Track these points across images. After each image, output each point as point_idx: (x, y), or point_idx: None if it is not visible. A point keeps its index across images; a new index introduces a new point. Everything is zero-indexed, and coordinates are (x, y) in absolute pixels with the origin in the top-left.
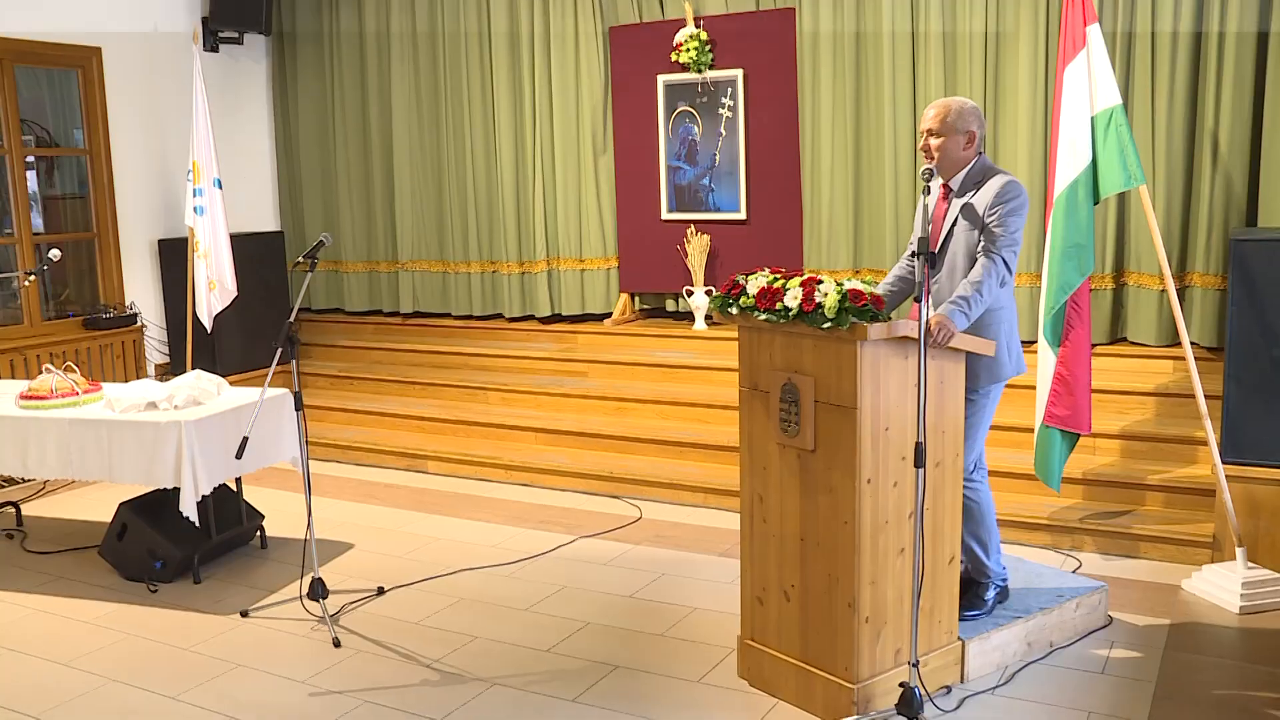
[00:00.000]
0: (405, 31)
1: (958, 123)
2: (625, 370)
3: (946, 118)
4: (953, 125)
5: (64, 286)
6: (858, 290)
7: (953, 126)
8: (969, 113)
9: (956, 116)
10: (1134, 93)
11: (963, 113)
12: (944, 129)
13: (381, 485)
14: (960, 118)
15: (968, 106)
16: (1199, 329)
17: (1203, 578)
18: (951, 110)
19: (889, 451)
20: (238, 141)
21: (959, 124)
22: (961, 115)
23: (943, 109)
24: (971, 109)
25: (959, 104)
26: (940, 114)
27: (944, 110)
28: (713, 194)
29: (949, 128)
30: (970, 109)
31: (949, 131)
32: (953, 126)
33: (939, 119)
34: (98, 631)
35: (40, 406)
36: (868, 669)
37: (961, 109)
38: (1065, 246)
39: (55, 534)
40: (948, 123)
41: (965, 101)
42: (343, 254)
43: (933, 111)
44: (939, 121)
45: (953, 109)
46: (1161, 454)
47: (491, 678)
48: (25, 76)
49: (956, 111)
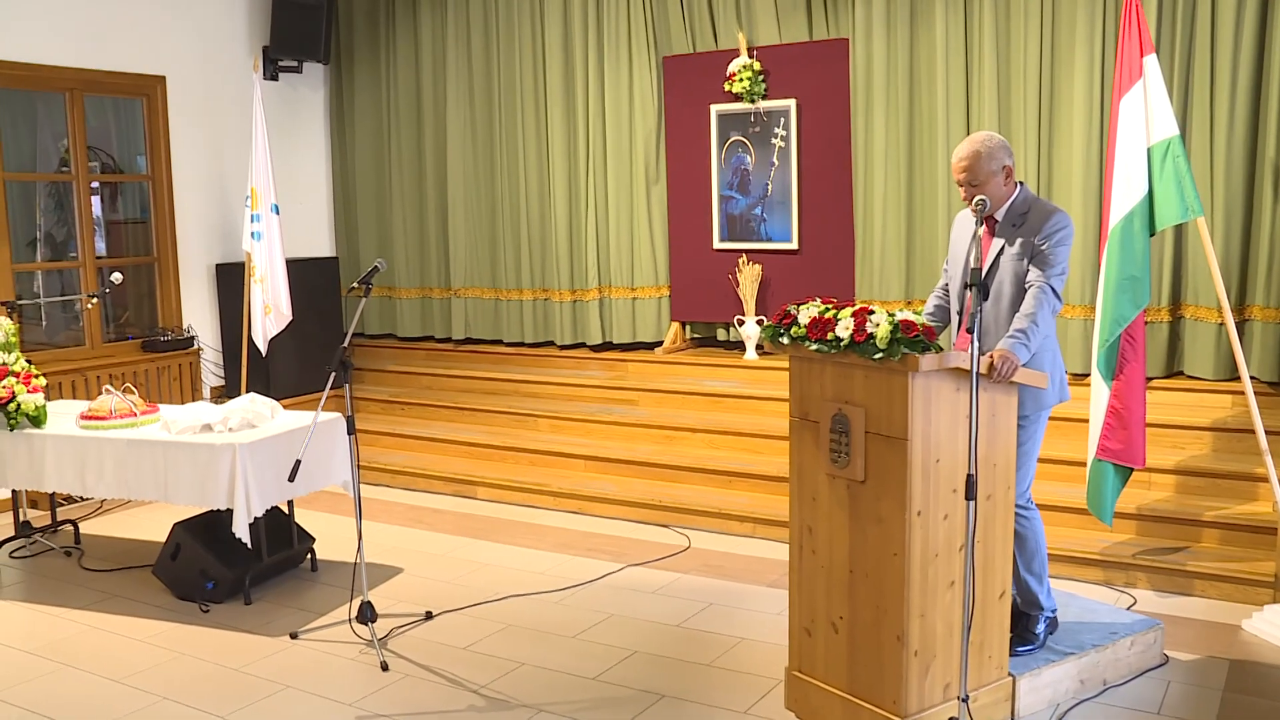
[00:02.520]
0: (460, 61)
1: (990, 164)
2: (675, 399)
3: (978, 165)
4: (987, 169)
5: (124, 309)
6: (909, 321)
7: (986, 171)
8: (997, 149)
9: (988, 159)
10: (1192, 123)
11: (991, 153)
12: (981, 176)
13: (431, 510)
14: (990, 159)
15: (994, 143)
16: (1259, 363)
17: (1264, 618)
18: (981, 156)
19: (939, 483)
20: (295, 168)
21: (992, 165)
22: (991, 156)
23: (971, 157)
24: (998, 144)
25: (985, 146)
26: (969, 162)
27: (973, 158)
28: (765, 224)
29: (986, 175)
30: (996, 144)
31: (985, 179)
32: (986, 171)
33: (970, 170)
34: (150, 650)
35: (99, 427)
36: (916, 703)
37: (989, 150)
38: (1120, 279)
39: (111, 552)
40: (980, 170)
41: (988, 138)
42: (396, 280)
43: (960, 164)
44: (972, 172)
45: (981, 155)
46: (1219, 490)
47: (538, 704)
48: (92, 104)
49: (986, 155)
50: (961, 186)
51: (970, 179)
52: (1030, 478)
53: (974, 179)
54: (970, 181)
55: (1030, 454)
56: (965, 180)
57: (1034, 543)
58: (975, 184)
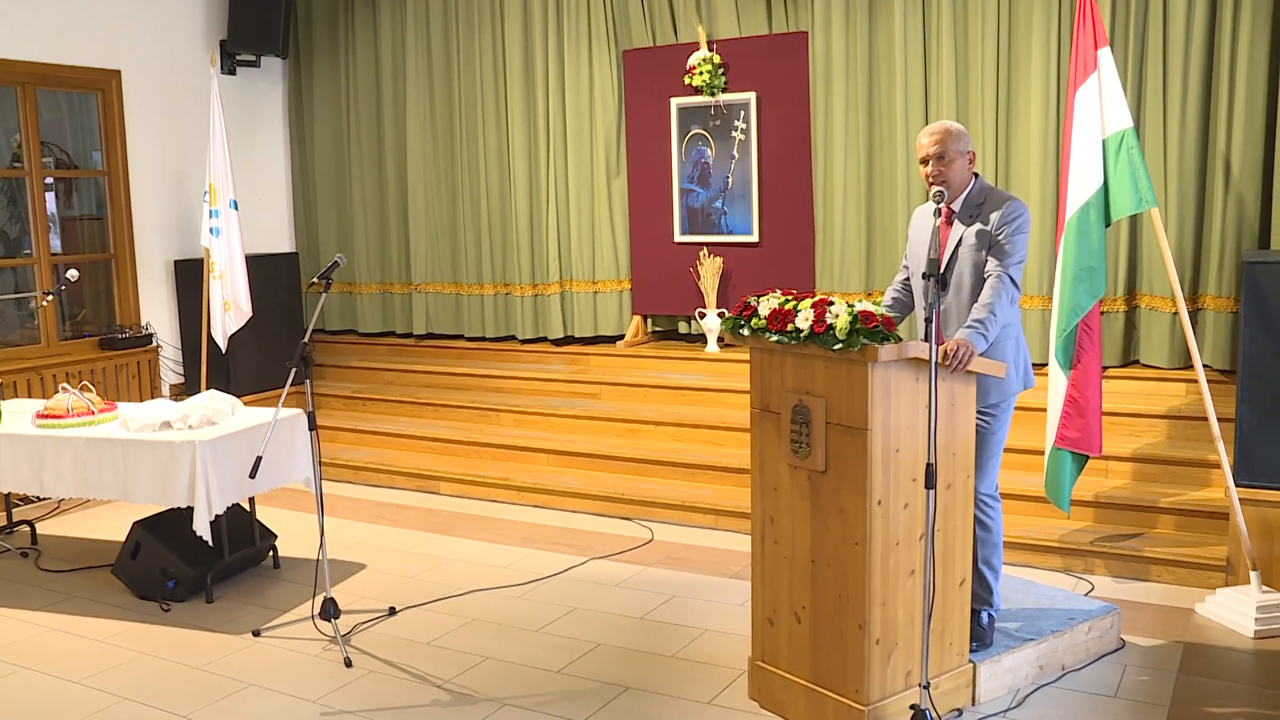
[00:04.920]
0: (420, 55)
1: (959, 144)
2: (637, 392)
3: (949, 141)
4: (955, 148)
5: (81, 307)
6: (869, 312)
7: (956, 149)
8: (964, 134)
9: (957, 139)
10: (1145, 116)
11: (961, 135)
12: (951, 153)
13: (393, 506)
14: (960, 139)
15: (960, 128)
16: (1211, 351)
17: (1216, 601)
18: (951, 134)
19: (900, 473)
20: (254, 163)
21: (960, 145)
22: (960, 137)
23: (942, 133)
24: (963, 130)
25: (955, 127)
26: (941, 138)
27: (944, 134)
28: (725, 216)
29: (955, 153)
30: (963, 130)
31: (955, 155)
32: (956, 149)
33: (942, 143)
34: (110, 650)
35: (56, 426)
36: (878, 691)
37: (958, 131)
38: (1077, 269)
39: (69, 552)
40: (952, 147)
41: (955, 124)
42: (357, 275)
43: (932, 138)
44: (944, 146)
45: (952, 132)
46: (1174, 477)
47: (502, 698)
48: (45, 99)
49: (956, 134)
50: (927, 164)
51: (940, 153)
52: (998, 469)
53: (944, 153)
54: (939, 156)
55: (1000, 445)
56: (935, 154)
57: (996, 534)
58: (944, 160)
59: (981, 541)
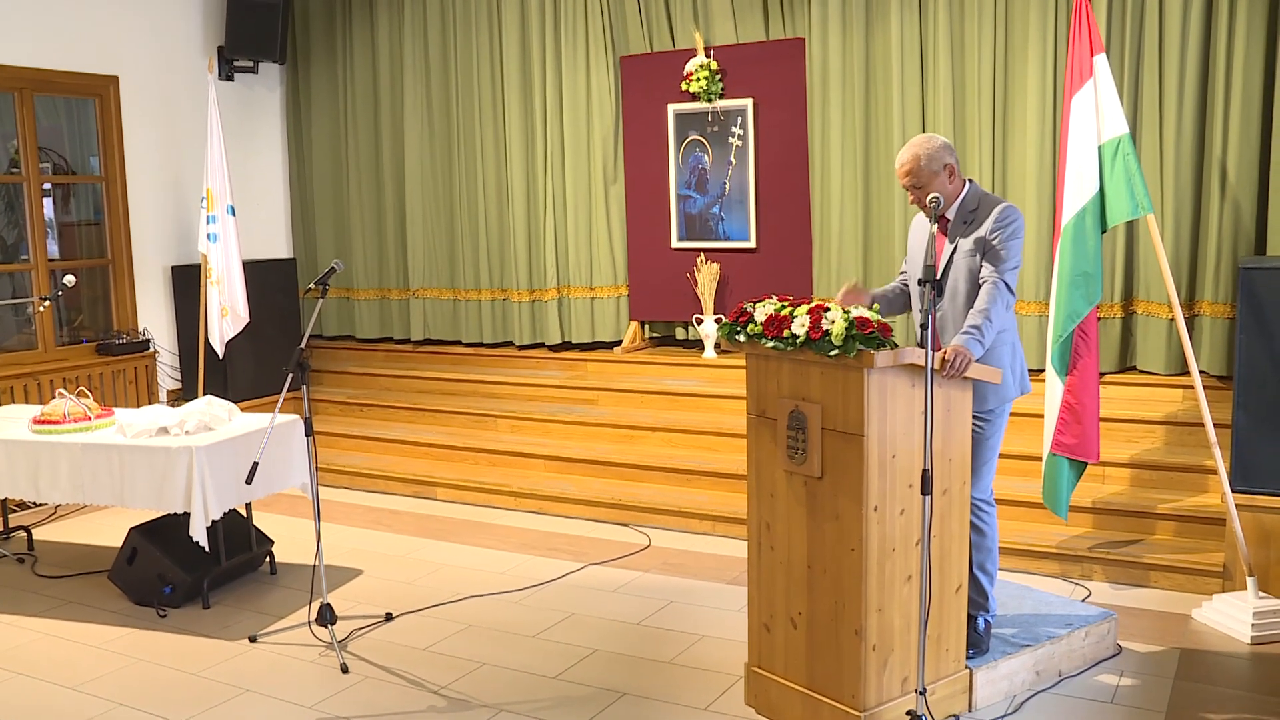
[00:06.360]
0: (418, 62)
1: (931, 165)
2: (634, 398)
3: (918, 169)
4: (928, 171)
5: (78, 312)
6: (865, 318)
7: (929, 172)
8: (937, 150)
9: (928, 161)
10: (1142, 122)
11: (931, 155)
12: (922, 179)
13: (390, 512)
14: (931, 160)
15: (934, 144)
16: (1208, 358)
17: (1213, 607)
18: (920, 159)
19: (896, 479)
20: (251, 169)
21: (933, 166)
22: (931, 158)
23: (911, 161)
24: (939, 145)
25: (924, 149)
26: (911, 166)
27: (913, 162)
28: (722, 223)
29: (927, 176)
30: (937, 145)
31: (928, 180)
32: (929, 172)
33: (913, 174)
34: (106, 656)
35: (53, 431)
36: (875, 697)
37: (929, 153)
38: (1073, 275)
39: (65, 558)
40: (923, 172)
41: (928, 140)
42: (354, 281)
43: (902, 169)
44: (915, 175)
45: (921, 158)
46: (1171, 483)
47: (498, 704)
48: (43, 105)
49: (926, 157)
50: (909, 190)
51: (914, 182)
52: (993, 474)
53: (917, 182)
54: (914, 185)
55: (995, 450)
56: (909, 184)
57: (991, 540)
58: (919, 187)
59: (976, 547)
